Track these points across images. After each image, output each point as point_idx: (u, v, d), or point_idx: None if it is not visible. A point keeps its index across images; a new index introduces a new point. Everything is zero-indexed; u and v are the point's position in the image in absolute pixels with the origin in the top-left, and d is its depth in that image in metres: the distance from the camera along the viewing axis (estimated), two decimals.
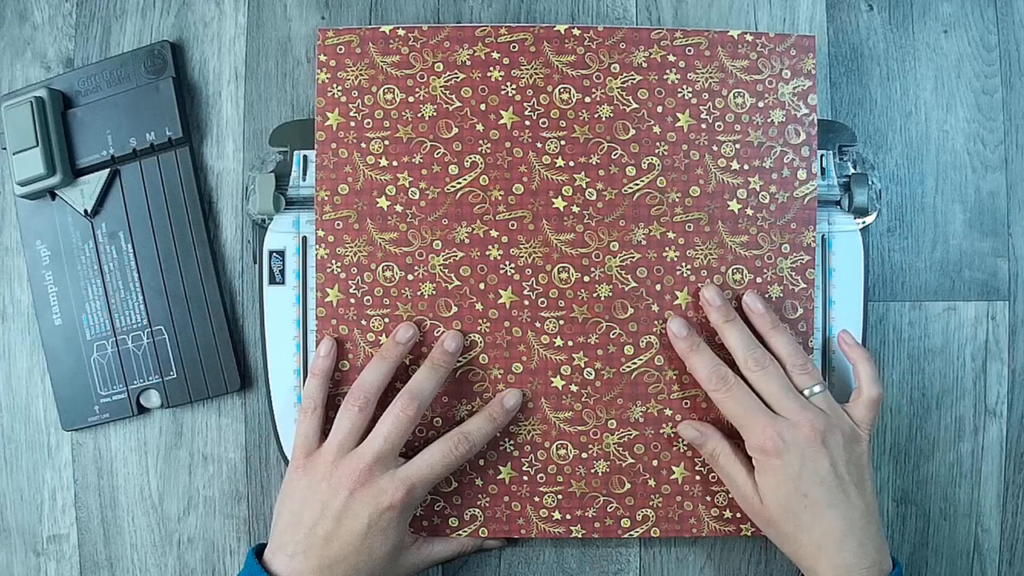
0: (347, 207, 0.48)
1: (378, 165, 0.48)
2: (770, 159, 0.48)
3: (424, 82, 0.48)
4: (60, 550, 0.52)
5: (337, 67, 0.48)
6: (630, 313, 0.48)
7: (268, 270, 0.50)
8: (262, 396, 0.51)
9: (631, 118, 0.48)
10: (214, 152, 0.52)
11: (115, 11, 0.52)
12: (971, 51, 0.52)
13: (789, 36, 0.48)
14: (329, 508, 0.43)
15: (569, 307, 0.48)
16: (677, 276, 0.48)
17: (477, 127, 0.48)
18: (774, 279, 0.48)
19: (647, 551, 0.51)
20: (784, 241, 0.48)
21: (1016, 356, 0.52)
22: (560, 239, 0.48)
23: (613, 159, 0.48)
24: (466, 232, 0.48)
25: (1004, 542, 0.52)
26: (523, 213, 0.48)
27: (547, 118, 0.48)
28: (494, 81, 0.48)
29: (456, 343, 0.47)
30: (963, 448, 0.52)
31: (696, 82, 0.48)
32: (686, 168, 0.48)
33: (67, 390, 0.51)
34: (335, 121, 0.48)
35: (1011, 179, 0.52)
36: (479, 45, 0.48)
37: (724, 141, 0.48)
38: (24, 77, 0.53)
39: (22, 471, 0.52)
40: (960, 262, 0.52)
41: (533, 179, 0.48)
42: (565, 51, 0.48)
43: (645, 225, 0.48)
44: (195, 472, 0.52)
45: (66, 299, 0.51)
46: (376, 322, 0.48)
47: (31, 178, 0.49)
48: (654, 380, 0.48)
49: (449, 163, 0.48)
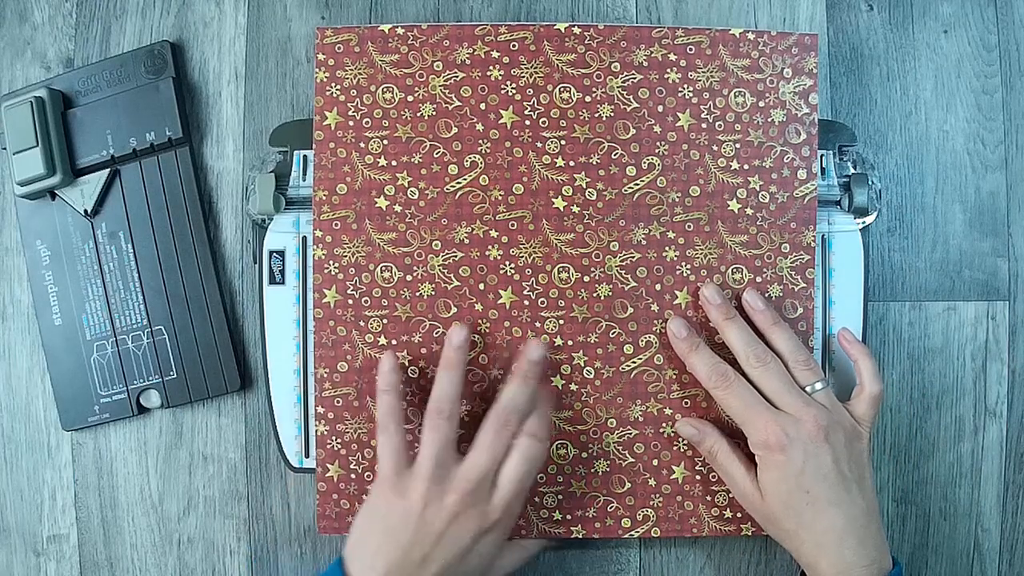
0: (345, 207, 0.48)
1: (377, 165, 0.48)
2: (770, 159, 0.48)
3: (423, 81, 0.48)
4: (60, 550, 0.52)
5: (336, 66, 0.48)
6: (630, 312, 0.48)
7: (268, 270, 0.50)
8: (262, 396, 0.51)
9: (631, 117, 0.48)
10: (214, 152, 0.52)
11: (115, 11, 0.52)
12: (971, 51, 0.52)
13: (791, 35, 0.48)
14: (430, 531, 0.42)
15: (569, 307, 0.48)
16: (677, 276, 0.48)
17: (477, 127, 0.48)
18: (774, 278, 0.48)
19: (647, 551, 0.51)
20: (784, 241, 0.48)
21: (1016, 356, 0.52)
22: (560, 239, 0.48)
23: (613, 159, 0.48)
24: (466, 232, 0.48)
25: (1004, 542, 0.52)
26: (523, 213, 0.48)
27: (547, 117, 0.48)
28: (494, 80, 0.48)
29: (460, 336, 0.45)
30: (963, 448, 0.52)
31: (697, 81, 0.48)
32: (686, 168, 0.48)
33: (67, 390, 0.51)
34: (333, 120, 0.48)
35: (1011, 179, 0.52)
36: (479, 44, 0.48)
37: (724, 140, 0.48)
38: (24, 77, 0.53)
39: (22, 471, 0.52)
40: (960, 262, 0.52)
41: (533, 179, 0.48)
42: (565, 50, 0.48)
43: (645, 225, 0.48)
44: (195, 472, 0.52)
45: (66, 299, 0.51)
46: (374, 323, 0.48)
47: (31, 178, 0.49)
48: (654, 379, 0.48)
49: (449, 163, 0.48)
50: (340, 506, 0.48)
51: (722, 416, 0.47)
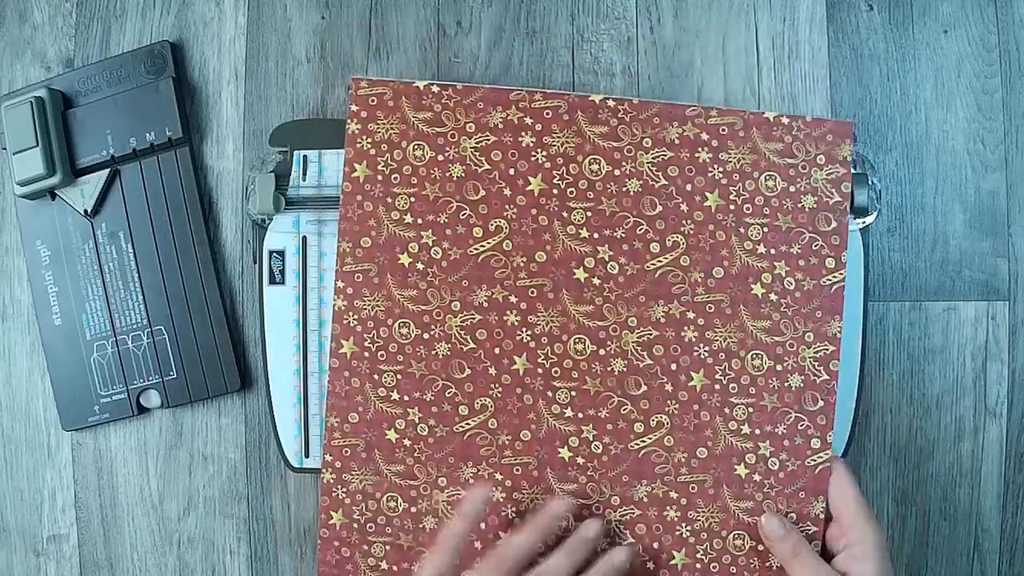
0: (369, 260, 0.47)
1: (403, 221, 0.47)
2: (798, 245, 0.47)
3: (455, 141, 0.47)
4: (60, 550, 0.52)
5: (368, 118, 0.48)
6: (643, 391, 0.47)
7: (268, 270, 0.50)
8: (262, 396, 0.51)
9: (659, 194, 0.47)
10: (214, 152, 0.52)
11: (115, 11, 0.52)
12: (971, 51, 0.52)
13: (825, 121, 0.47)
14: None
15: (582, 379, 0.47)
16: (694, 357, 0.47)
17: (504, 191, 0.47)
18: (795, 368, 0.47)
19: None
20: (808, 330, 0.47)
21: (1016, 356, 0.52)
22: (578, 310, 0.47)
23: (638, 234, 0.47)
24: (485, 296, 0.47)
25: (1004, 542, 0.52)
26: (543, 281, 0.47)
27: (575, 188, 0.47)
28: (525, 146, 0.47)
29: (593, 530, 0.45)
30: (963, 448, 0.52)
31: (728, 162, 0.47)
32: (711, 248, 0.47)
33: (67, 390, 0.51)
34: (362, 173, 0.48)
35: (1011, 179, 0.52)
36: (512, 108, 0.47)
37: (752, 223, 0.47)
38: (24, 77, 0.53)
39: (22, 471, 0.52)
40: (960, 262, 0.52)
41: (556, 248, 0.47)
42: (598, 122, 0.47)
43: (665, 303, 0.47)
44: (195, 472, 0.52)
45: (66, 299, 0.51)
46: (388, 377, 0.47)
47: (31, 178, 0.49)
48: (662, 460, 0.47)
49: (474, 225, 0.47)
50: (341, 554, 0.48)
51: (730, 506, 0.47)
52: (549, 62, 0.52)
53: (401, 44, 0.52)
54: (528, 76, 0.52)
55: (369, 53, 0.52)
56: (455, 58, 0.52)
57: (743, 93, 0.52)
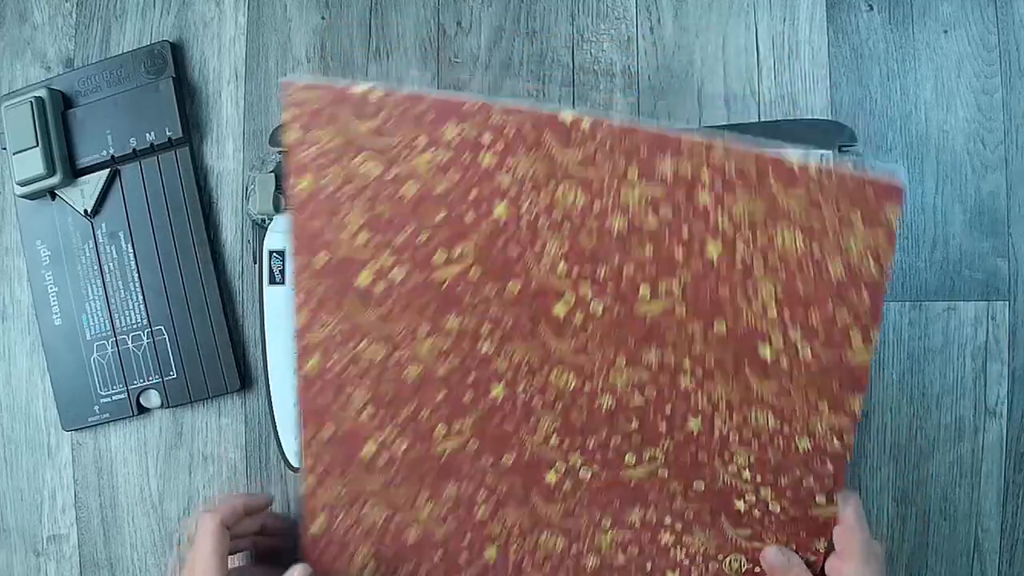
0: (326, 278, 0.42)
1: (355, 241, 0.42)
2: (818, 314, 0.41)
3: (406, 157, 0.41)
4: (60, 550, 0.52)
5: (308, 126, 0.41)
6: (634, 426, 0.43)
7: (268, 270, 0.50)
8: (262, 396, 0.51)
9: (649, 237, 0.41)
10: (214, 152, 0.52)
11: (115, 11, 0.52)
12: (971, 51, 0.52)
13: (867, 175, 0.39)
14: None
15: (567, 413, 0.44)
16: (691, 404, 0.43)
17: (465, 218, 0.41)
18: (804, 431, 0.42)
19: None
20: (823, 400, 0.42)
21: (1016, 356, 0.52)
22: (561, 346, 0.43)
23: (625, 275, 0.41)
24: (456, 321, 0.42)
25: (1004, 542, 0.52)
26: (519, 312, 0.42)
27: (547, 217, 0.41)
28: (485, 168, 0.41)
29: None
30: (963, 448, 0.52)
31: (733, 207, 0.40)
32: (711, 303, 0.41)
33: (67, 390, 0.51)
34: (308, 187, 0.42)
35: (1011, 179, 0.52)
36: (467, 123, 0.41)
37: (763, 283, 0.41)
38: (24, 77, 0.53)
39: (22, 471, 0.52)
40: (960, 262, 0.52)
41: (530, 281, 0.42)
42: (572, 144, 0.41)
43: (658, 347, 0.42)
44: (195, 472, 0.52)
45: (66, 299, 0.51)
46: (357, 398, 0.44)
47: (31, 178, 0.49)
48: (656, 489, 0.44)
49: (437, 247, 0.42)
50: (323, 563, 0.45)
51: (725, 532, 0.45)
52: (549, 62, 0.52)
53: (401, 44, 0.52)
54: (528, 76, 0.52)
55: (369, 53, 0.52)
56: (455, 58, 0.52)
57: (743, 93, 0.52)
